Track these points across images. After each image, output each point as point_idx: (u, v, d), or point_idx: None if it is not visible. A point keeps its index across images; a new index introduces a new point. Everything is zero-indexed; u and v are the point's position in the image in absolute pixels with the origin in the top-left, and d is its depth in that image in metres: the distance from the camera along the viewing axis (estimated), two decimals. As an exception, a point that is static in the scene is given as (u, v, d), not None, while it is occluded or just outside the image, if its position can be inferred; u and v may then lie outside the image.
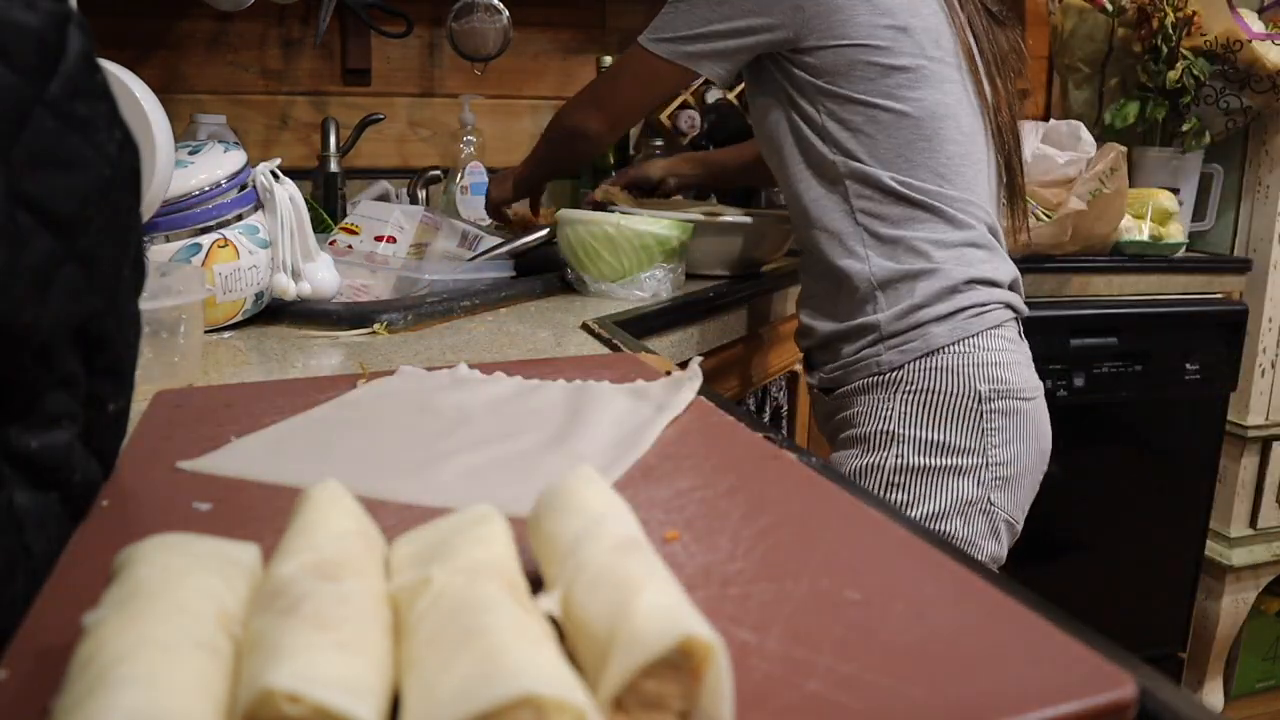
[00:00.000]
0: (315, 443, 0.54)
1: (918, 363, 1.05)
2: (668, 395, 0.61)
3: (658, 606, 0.28)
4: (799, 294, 1.20)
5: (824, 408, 1.18)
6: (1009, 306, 1.09)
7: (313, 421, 0.58)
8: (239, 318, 0.94)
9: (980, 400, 1.04)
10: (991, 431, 1.04)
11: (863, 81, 1.04)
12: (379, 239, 1.26)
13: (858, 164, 1.05)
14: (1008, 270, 1.10)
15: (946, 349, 1.04)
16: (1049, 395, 1.11)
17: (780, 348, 1.48)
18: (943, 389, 1.04)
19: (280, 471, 0.49)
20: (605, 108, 1.24)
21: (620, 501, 0.36)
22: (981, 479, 1.04)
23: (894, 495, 1.05)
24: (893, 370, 1.06)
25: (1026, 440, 1.06)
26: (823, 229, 1.09)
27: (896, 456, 1.05)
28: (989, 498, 1.05)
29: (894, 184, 1.04)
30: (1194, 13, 1.80)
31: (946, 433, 1.04)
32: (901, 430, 1.05)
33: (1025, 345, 1.12)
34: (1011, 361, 1.06)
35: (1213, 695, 2.11)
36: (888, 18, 1.04)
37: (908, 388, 1.05)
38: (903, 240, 1.05)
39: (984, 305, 1.06)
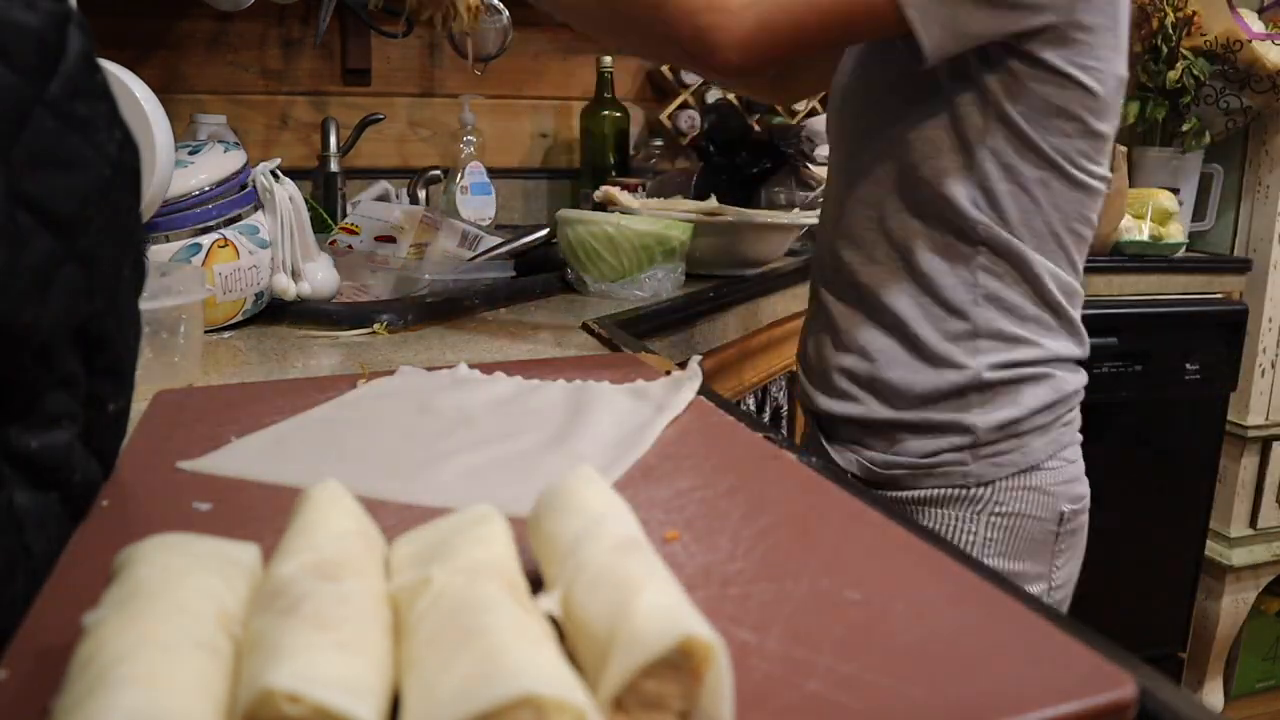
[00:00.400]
0: (315, 443, 0.54)
1: (1010, 480, 0.87)
2: (668, 395, 0.61)
3: (658, 606, 0.28)
4: (827, 329, 0.94)
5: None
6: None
7: (313, 421, 0.58)
8: (239, 318, 0.94)
9: (1060, 522, 0.89)
10: (1060, 553, 0.91)
11: (1056, 134, 0.83)
12: (379, 239, 1.26)
13: (1004, 233, 0.84)
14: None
15: (1042, 466, 0.88)
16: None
17: (780, 348, 1.48)
18: (1030, 513, 0.88)
19: (280, 471, 0.49)
20: (759, 9, 0.78)
21: (620, 501, 0.36)
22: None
23: None
24: (979, 486, 0.87)
25: (1079, 553, 0.94)
26: (925, 292, 0.87)
27: None
28: None
29: (1038, 271, 0.85)
30: (1194, 13, 1.80)
31: (1024, 562, 0.90)
32: (980, 558, 0.86)
33: None
34: (1083, 470, 0.92)
35: (1213, 695, 2.11)
36: (1121, 63, 0.84)
37: (995, 509, 0.87)
38: (1024, 341, 0.86)
39: (1074, 408, 0.90)
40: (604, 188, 1.48)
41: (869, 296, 0.90)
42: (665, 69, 1.90)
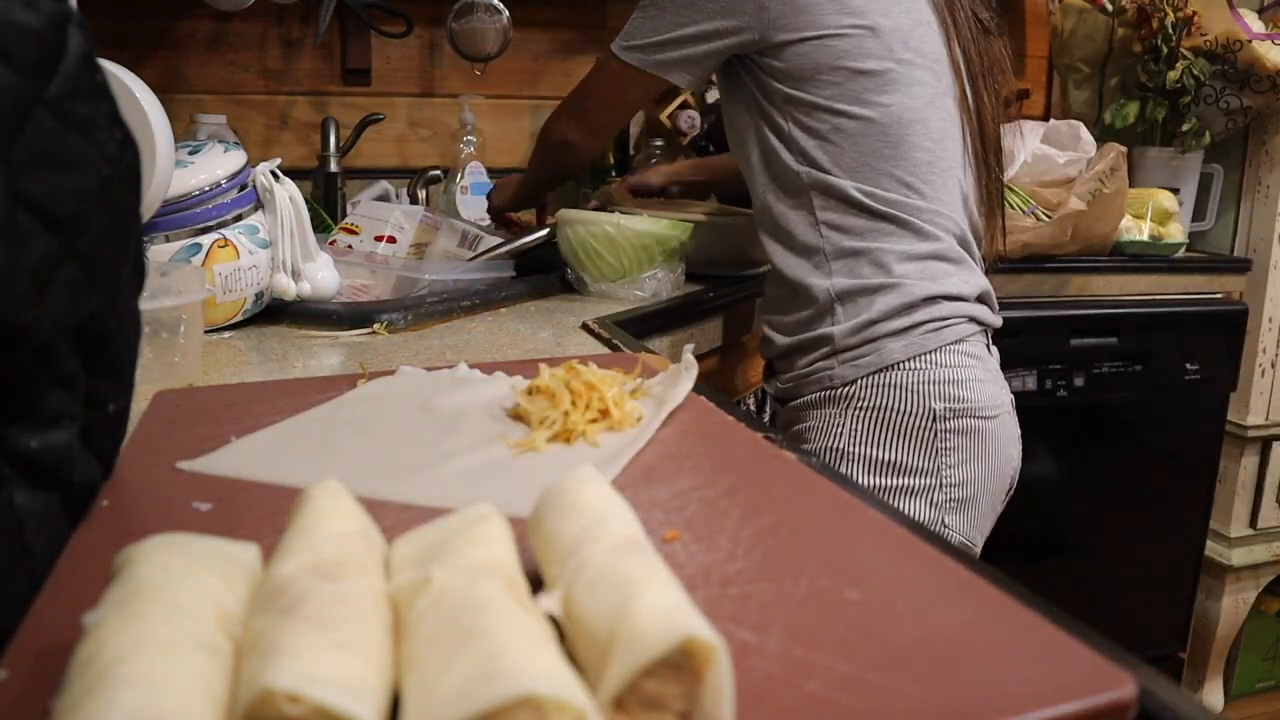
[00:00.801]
0: (315, 443, 0.54)
1: (870, 378, 1.02)
2: (665, 389, 0.61)
3: (658, 607, 0.28)
4: (761, 301, 1.15)
5: (782, 418, 1.15)
6: (974, 320, 1.06)
7: (313, 421, 0.58)
8: (239, 318, 0.94)
9: (934, 419, 1.01)
10: (946, 451, 1.02)
11: (829, 86, 1.02)
12: (379, 239, 1.26)
13: (822, 174, 1.03)
14: (976, 283, 1.07)
15: (901, 365, 1.01)
16: (1049, 395, 1.10)
17: (780, 348, 1.48)
18: (895, 407, 1.02)
19: (280, 471, 0.49)
20: (584, 118, 1.23)
21: (621, 501, 0.36)
22: (935, 500, 1.02)
23: None
24: (845, 385, 1.03)
25: (985, 460, 1.04)
26: (786, 239, 1.07)
27: (845, 474, 1.02)
28: (943, 519, 1.03)
29: (858, 195, 1.02)
30: (1194, 13, 1.80)
31: (897, 452, 1.02)
32: (851, 448, 1.04)
33: (993, 360, 1.09)
34: (971, 379, 1.03)
35: (1213, 695, 2.10)
36: (854, 17, 1.01)
37: (860, 404, 1.03)
38: (866, 253, 1.03)
39: (944, 320, 1.03)
40: (605, 188, 1.48)
41: (768, 258, 1.12)
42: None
